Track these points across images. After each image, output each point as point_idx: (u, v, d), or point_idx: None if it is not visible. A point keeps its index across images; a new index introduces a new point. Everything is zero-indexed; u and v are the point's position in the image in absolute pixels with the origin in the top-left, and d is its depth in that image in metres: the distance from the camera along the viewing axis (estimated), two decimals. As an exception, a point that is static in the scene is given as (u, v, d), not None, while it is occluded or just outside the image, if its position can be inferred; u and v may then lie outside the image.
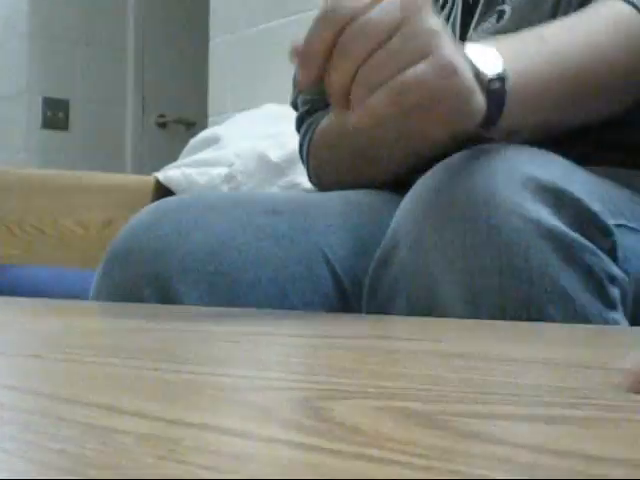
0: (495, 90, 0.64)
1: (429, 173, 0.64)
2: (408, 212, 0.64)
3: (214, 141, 1.96)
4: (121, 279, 0.79)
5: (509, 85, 0.64)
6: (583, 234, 0.61)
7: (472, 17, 0.87)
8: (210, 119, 2.52)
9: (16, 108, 4.00)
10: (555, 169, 0.63)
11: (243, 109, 2.18)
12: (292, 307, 0.78)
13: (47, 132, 3.99)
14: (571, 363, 0.35)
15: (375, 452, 0.18)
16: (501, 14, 0.82)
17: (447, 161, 0.64)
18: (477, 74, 0.62)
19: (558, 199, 0.61)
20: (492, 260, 0.59)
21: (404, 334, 0.50)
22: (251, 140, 1.85)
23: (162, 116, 4.22)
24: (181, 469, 0.17)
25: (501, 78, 0.64)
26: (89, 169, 2.48)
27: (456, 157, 0.64)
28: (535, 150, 0.65)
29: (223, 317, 0.60)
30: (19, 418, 0.22)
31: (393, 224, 0.66)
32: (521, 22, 0.80)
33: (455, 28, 0.88)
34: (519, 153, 0.63)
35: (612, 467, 0.17)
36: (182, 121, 4.16)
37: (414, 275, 0.63)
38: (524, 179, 0.60)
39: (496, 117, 0.65)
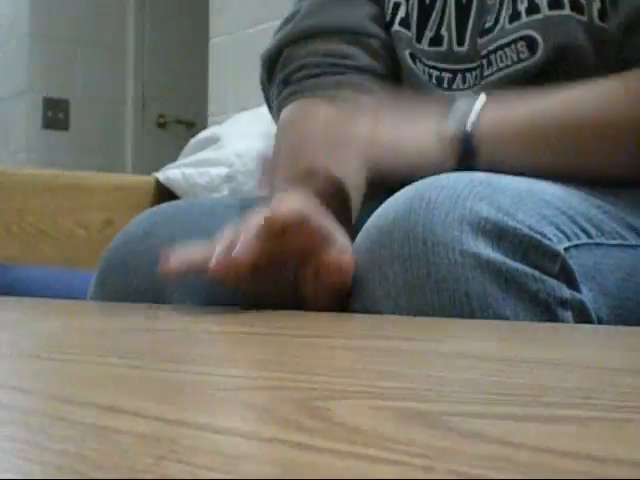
0: (462, 149, 0.72)
1: (379, 210, 0.65)
2: (356, 250, 0.65)
3: (214, 141, 1.96)
4: (116, 290, 0.78)
5: (476, 140, 0.73)
6: (526, 262, 0.61)
7: (468, 17, 0.86)
8: (210, 119, 2.52)
9: (16, 108, 4.00)
10: (502, 198, 0.63)
11: (243, 109, 2.18)
12: None
13: (47, 132, 3.99)
14: (571, 363, 0.35)
15: (375, 452, 0.18)
16: (532, 42, 0.80)
17: (393, 199, 0.65)
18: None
19: (498, 230, 0.61)
20: (433, 296, 0.59)
21: (404, 334, 0.50)
22: (251, 140, 1.85)
23: (162, 116, 4.22)
24: (181, 469, 0.17)
25: (468, 136, 0.73)
26: (89, 169, 2.48)
27: (402, 193, 0.64)
28: (485, 179, 0.65)
29: (223, 317, 0.60)
30: (19, 418, 0.22)
31: None
32: (556, 55, 0.79)
33: (450, 28, 0.87)
34: (465, 185, 0.63)
35: (612, 467, 0.17)
36: (182, 121, 4.16)
37: (363, 312, 0.63)
38: (464, 213, 0.60)
39: (470, 162, 0.72)
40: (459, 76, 0.87)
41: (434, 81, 0.88)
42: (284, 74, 0.90)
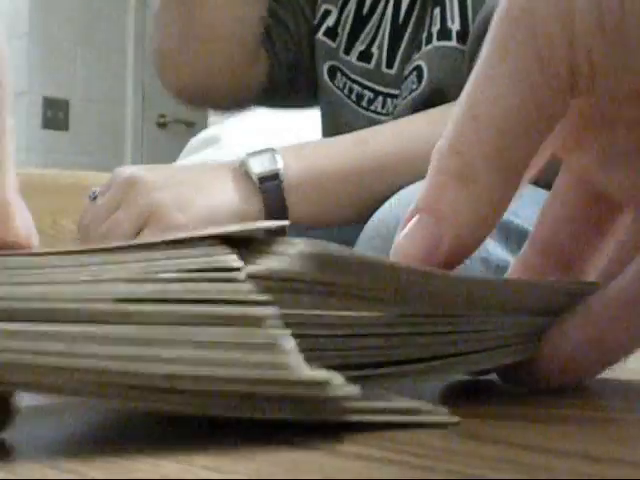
0: (269, 187, 0.68)
1: (375, 217, 0.65)
2: None
3: (214, 141, 1.96)
4: None
5: (287, 180, 0.68)
6: None
7: (401, 39, 0.84)
8: (210, 119, 2.52)
9: (16, 108, 4.00)
10: None
11: (243, 109, 2.17)
12: None
13: (47, 132, 3.99)
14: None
15: (375, 452, 0.18)
16: (420, 72, 0.79)
17: (390, 204, 0.64)
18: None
19: (505, 230, 0.60)
20: None
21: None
22: (251, 140, 1.85)
23: (162, 116, 4.22)
24: (181, 469, 0.17)
25: (275, 175, 0.68)
26: (89, 169, 2.48)
27: (401, 196, 0.64)
28: None
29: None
30: (19, 418, 0.22)
31: None
32: (438, 86, 0.77)
33: (382, 47, 0.84)
34: None
35: (612, 467, 0.17)
36: (182, 121, 4.16)
37: None
38: None
39: (281, 211, 0.68)
40: (380, 98, 0.84)
41: (354, 97, 0.86)
42: None
